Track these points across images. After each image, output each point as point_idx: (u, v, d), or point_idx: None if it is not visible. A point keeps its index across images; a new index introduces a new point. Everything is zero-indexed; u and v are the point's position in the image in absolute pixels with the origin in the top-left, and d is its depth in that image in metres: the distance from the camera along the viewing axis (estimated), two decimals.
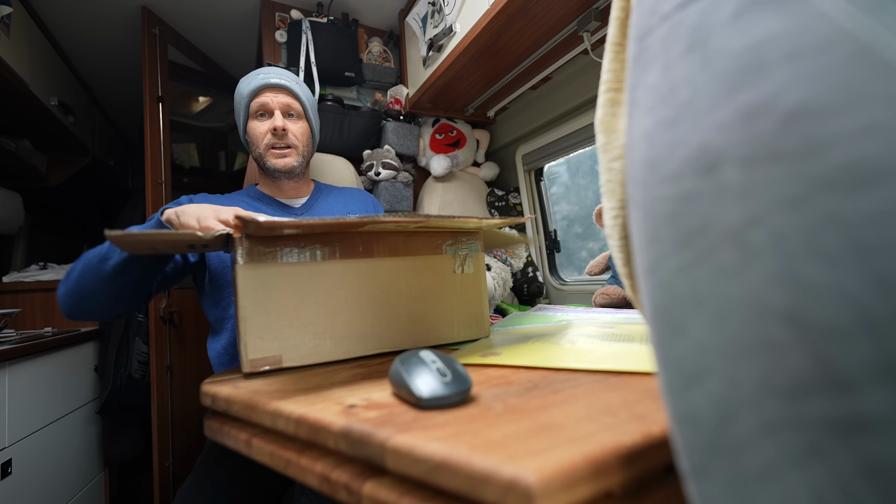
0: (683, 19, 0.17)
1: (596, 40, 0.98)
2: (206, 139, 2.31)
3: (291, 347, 0.45)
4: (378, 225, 0.44)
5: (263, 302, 0.44)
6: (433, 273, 0.53)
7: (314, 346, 0.46)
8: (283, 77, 0.90)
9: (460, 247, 0.56)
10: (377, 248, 0.50)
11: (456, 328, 0.54)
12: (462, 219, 0.47)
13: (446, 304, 0.54)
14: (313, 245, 0.47)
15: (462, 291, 0.55)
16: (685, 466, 0.17)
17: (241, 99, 0.90)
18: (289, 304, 0.45)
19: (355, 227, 0.46)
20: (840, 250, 0.12)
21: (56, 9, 1.38)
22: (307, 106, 0.93)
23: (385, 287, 0.50)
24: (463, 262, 0.56)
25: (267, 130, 0.89)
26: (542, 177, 1.42)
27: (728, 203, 0.15)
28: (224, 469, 0.74)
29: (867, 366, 0.12)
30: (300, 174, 0.93)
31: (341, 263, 0.48)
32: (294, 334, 0.45)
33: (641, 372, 0.35)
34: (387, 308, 0.50)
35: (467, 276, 0.56)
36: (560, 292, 1.32)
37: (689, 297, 0.16)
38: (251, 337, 0.43)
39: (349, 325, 0.48)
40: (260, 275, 0.44)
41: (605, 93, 0.25)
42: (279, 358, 0.44)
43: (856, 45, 0.13)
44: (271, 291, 0.45)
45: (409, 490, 0.24)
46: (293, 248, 0.46)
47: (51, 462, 1.10)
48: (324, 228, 0.45)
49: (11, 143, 1.43)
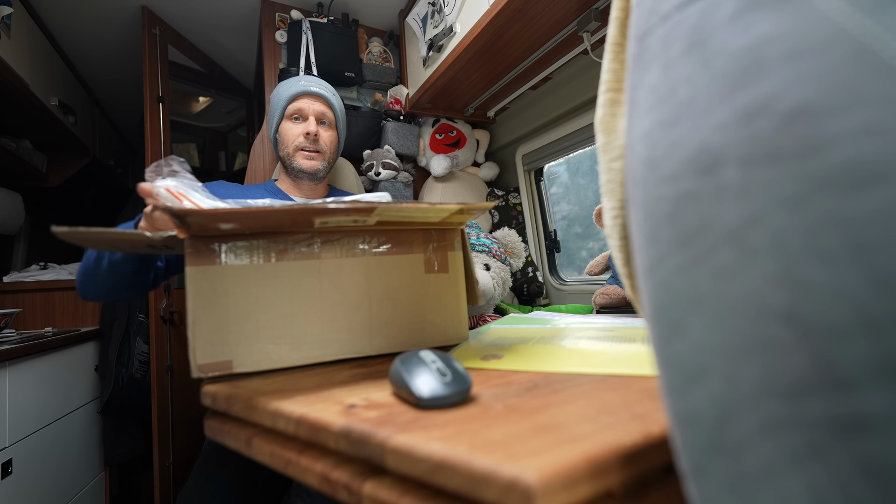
0: (683, 19, 0.17)
1: (596, 40, 0.98)
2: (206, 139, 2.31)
3: (244, 353, 0.43)
4: (330, 217, 0.42)
5: (213, 305, 0.42)
6: (402, 274, 0.49)
7: (268, 351, 0.44)
8: (323, 87, 0.98)
9: (433, 245, 0.52)
10: (338, 248, 0.47)
11: (428, 332, 0.50)
12: (412, 205, 0.43)
13: (417, 308, 0.50)
14: (267, 245, 0.45)
15: (436, 294, 0.51)
16: (685, 466, 0.17)
17: (279, 101, 0.97)
18: (240, 308, 0.43)
19: (302, 216, 0.41)
20: (840, 250, 0.12)
21: (56, 9, 1.38)
22: (339, 117, 1.01)
23: (347, 289, 0.47)
24: (436, 261, 0.51)
25: (300, 133, 0.95)
26: (542, 177, 1.42)
27: (728, 203, 0.15)
28: (222, 471, 0.74)
29: (867, 365, 0.12)
30: (322, 178, 1.00)
31: (297, 264, 0.45)
32: (246, 339, 0.43)
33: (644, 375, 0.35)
34: (349, 311, 0.47)
35: (442, 278, 0.51)
36: (560, 292, 1.32)
37: (689, 297, 0.16)
38: (200, 342, 0.41)
39: (307, 330, 0.45)
40: (209, 277, 0.42)
41: (605, 93, 0.25)
42: (229, 363, 0.42)
43: (855, 45, 0.13)
44: (221, 294, 0.42)
45: (409, 490, 0.24)
46: (245, 248, 0.44)
47: (51, 462, 1.10)
48: (261, 215, 0.40)
49: (12, 144, 1.43)
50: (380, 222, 0.46)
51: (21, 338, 1.15)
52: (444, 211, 0.44)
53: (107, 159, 2.06)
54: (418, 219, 0.48)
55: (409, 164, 1.42)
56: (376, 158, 1.30)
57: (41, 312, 1.45)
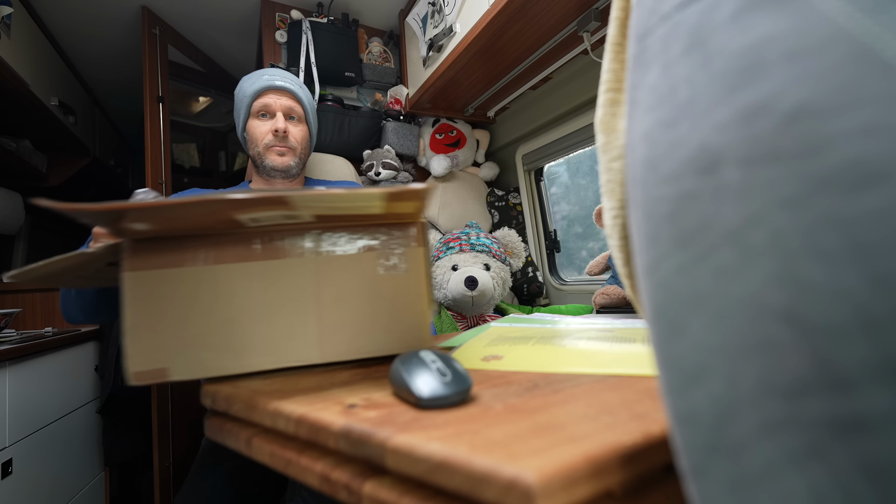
0: (683, 19, 0.17)
1: (596, 40, 0.98)
2: (206, 139, 2.31)
3: (180, 360, 0.41)
4: (255, 213, 0.38)
5: (148, 311, 0.41)
6: (352, 275, 0.45)
7: (206, 359, 0.42)
8: (288, 80, 0.92)
9: (386, 242, 0.46)
10: (280, 249, 0.44)
11: (383, 338, 0.45)
12: (325, 192, 0.37)
13: (371, 311, 0.45)
14: (203, 247, 0.43)
15: (392, 295, 0.46)
16: (685, 466, 0.17)
17: (244, 98, 0.91)
18: (177, 314, 0.41)
19: (218, 210, 0.38)
20: (840, 250, 0.12)
21: (56, 9, 1.38)
22: (308, 110, 0.96)
23: (291, 292, 0.44)
24: (390, 259, 0.46)
25: (268, 131, 0.91)
26: (542, 177, 1.42)
27: (728, 203, 0.15)
28: (219, 473, 0.74)
29: (866, 365, 0.12)
30: (296, 175, 0.96)
31: (237, 266, 0.43)
32: (183, 346, 0.41)
33: (644, 375, 0.35)
34: (293, 316, 0.44)
35: (398, 277, 0.46)
36: (560, 292, 1.32)
37: (689, 297, 0.16)
38: (134, 349, 0.40)
39: (247, 337, 0.43)
40: (144, 282, 0.41)
41: (605, 93, 0.25)
42: (164, 371, 0.41)
43: (855, 46, 0.13)
44: (157, 300, 0.41)
45: (409, 490, 0.24)
46: (180, 250, 0.42)
47: (51, 462, 1.10)
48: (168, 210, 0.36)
49: (12, 143, 1.43)
50: (322, 217, 0.42)
51: (21, 338, 1.15)
52: (370, 197, 0.38)
53: (107, 159, 2.06)
54: (356, 210, 0.42)
55: (409, 164, 1.42)
56: (376, 158, 1.30)
57: (41, 312, 1.45)
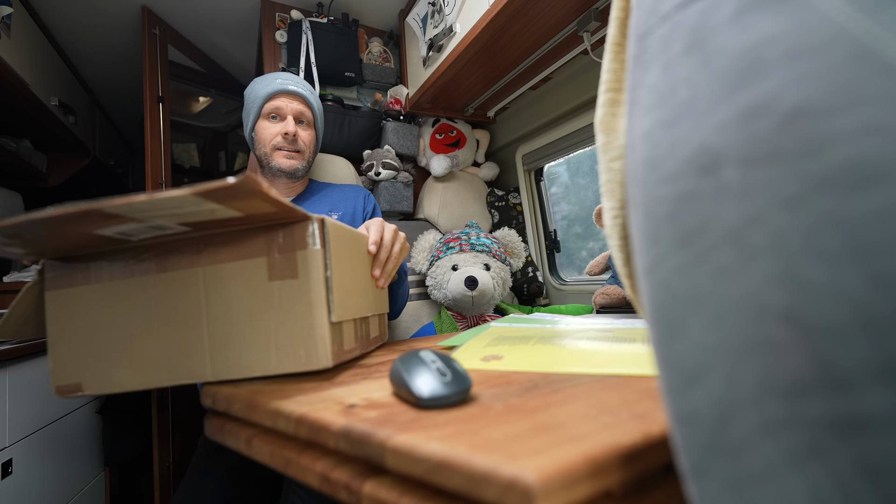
0: (683, 19, 0.17)
1: (596, 40, 0.98)
2: (206, 139, 2.31)
3: (91, 376, 0.43)
4: (116, 226, 0.36)
5: (64, 329, 0.43)
6: (241, 284, 0.42)
7: (110, 374, 0.43)
8: (300, 85, 0.95)
9: (278, 245, 0.42)
10: (170, 260, 0.43)
11: (274, 356, 0.41)
12: (159, 197, 0.31)
13: (259, 325, 0.42)
14: (104, 264, 0.43)
15: (282, 306, 0.42)
16: (685, 466, 0.17)
17: (255, 98, 0.93)
18: (86, 331, 0.43)
19: (76, 225, 0.35)
20: (840, 250, 0.12)
21: (56, 9, 1.38)
22: (317, 115, 0.98)
23: (180, 306, 0.42)
24: (282, 265, 0.42)
25: (278, 133, 0.93)
26: (542, 177, 1.42)
27: (728, 203, 0.15)
28: (215, 474, 0.74)
29: (867, 365, 0.12)
30: (301, 177, 0.98)
31: (134, 282, 0.43)
32: (92, 362, 0.43)
33: (644, 375, 0.35)
34: (185, 331, 0.42)
35: (290, 286, 0.42)
36: (560, 292, 1.32)
37: (689, 297, 0.16)
38: (55, 364, 0.43)
39: (144, 353, 0.42)
40: (59, 300, 0.43)
41: (605, 93, 0.25)
42: (79, 385, 0.43)
43: (855, 46, 0.13)
44: (70, 317, 0.43)
45: (408, 490, 0.25)
46: (83, 269, 0.43)
47: (51, 462, 1.10)
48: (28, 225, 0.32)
49: (12, 143, 1.43)
50: (199, 224, 0.39)
51: None
52: (183, 200, 0.32)
53: (107, 159, 2.06)
54: (192, 216, 0.37)
55: (409, 164, 1.42)
56: (376, 158, 1.30)
57: None
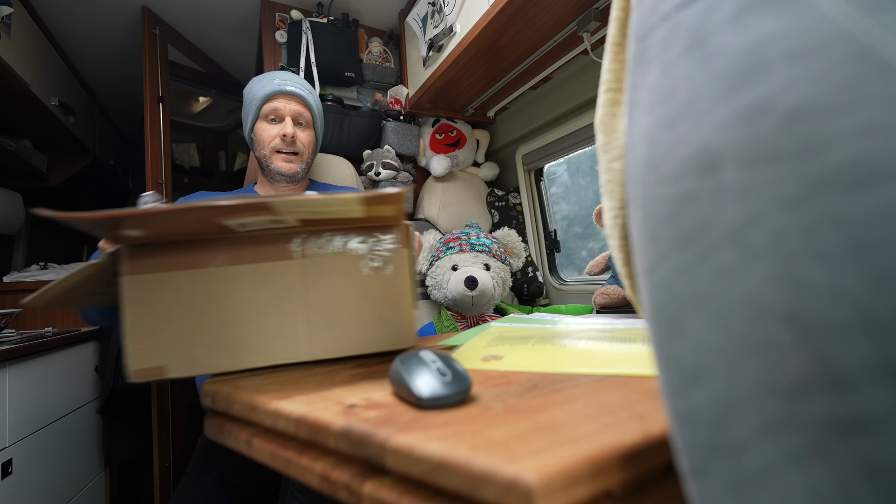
0: (683, 19, 0.17)
1: (596, 40, 0.98)
2: (206, 139, 2.32)
3: (177, 358, 0.44)
4: (242, 218, 0.40)
5: (146, 313, 0.43)
6: (338, 276, 0.47)
7: (201, 357, 0.44)
8: (299, 86, 0.93)
9: (370, 244, 0.48)
10: (269, 252, 0.46)
11: (370, 337, 0.48)
12: (307, 198, 0.39)
13: (357, 310, 0.47)
14: (196, 250, 0.45)
15: (377, 295, 0.48)
16: (685, 466, 0.17)
17: (253, 100, 0.92)
18: (172, 315, 0.44)
19: (205, 217, 0.40)
20: (840, 250, 0.12)
21: (57, 9, 1.38)
22: (316, 115, 0.97)
23: (279, 293, 0.46)
24: (374, 261, 0.48)
25: (276, 135, 0.91)
26: (542, 177, 1.42)
27: (728, 203, 0.15)
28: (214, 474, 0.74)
29: (866, 365, 0.12)
30: (301, 179, 0.97)
31: (230, 269, 0.45)
32: (179, 345, 0.44)
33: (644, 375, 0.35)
34: (283, 317, 0.46)
35: (384, 278, 0.48)
36: (560, 292, 1.32)
37: (689, 297, 0.16)
38: (133, 348, 0.43)
39: (239, 336, 0.45)
40: (141, 285, 0.44)
41: (605, 93, 0.25)
42: (162, 369, 0.44)
43: (855, 46, 0.13)
44: (154, 302, 0.44)
45: (409, 490, 0.24)
46: (177, 256, 0.44)
47: (51, 462, 1.10)
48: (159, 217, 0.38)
49: (12, 143, 1.43)
50: (307, 221, 0.44)
51: (21, 338, 1.15)
52: (349, 201, 0.40)
53: (107, 159, 2.06)
54: (338, 214, 0.44)
55: (409, 164, 1.42)
56: (376, 158, 1.30)
57: (41, 312, 1.45)
